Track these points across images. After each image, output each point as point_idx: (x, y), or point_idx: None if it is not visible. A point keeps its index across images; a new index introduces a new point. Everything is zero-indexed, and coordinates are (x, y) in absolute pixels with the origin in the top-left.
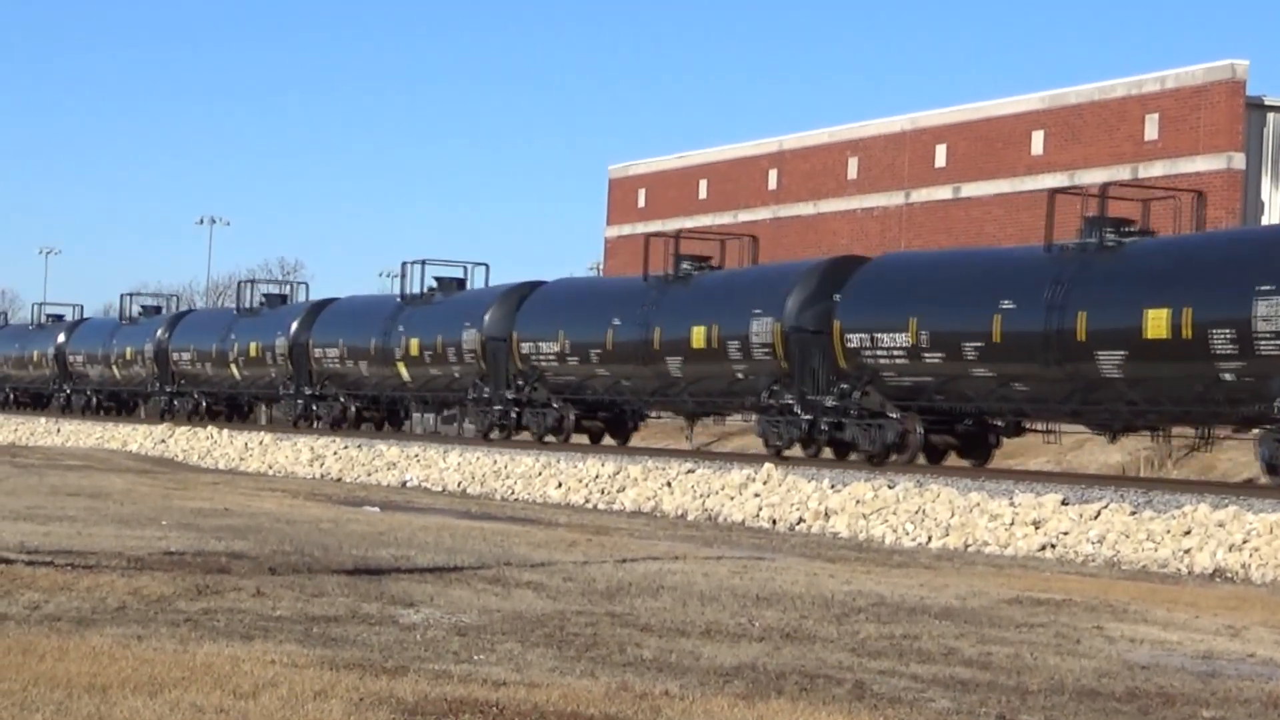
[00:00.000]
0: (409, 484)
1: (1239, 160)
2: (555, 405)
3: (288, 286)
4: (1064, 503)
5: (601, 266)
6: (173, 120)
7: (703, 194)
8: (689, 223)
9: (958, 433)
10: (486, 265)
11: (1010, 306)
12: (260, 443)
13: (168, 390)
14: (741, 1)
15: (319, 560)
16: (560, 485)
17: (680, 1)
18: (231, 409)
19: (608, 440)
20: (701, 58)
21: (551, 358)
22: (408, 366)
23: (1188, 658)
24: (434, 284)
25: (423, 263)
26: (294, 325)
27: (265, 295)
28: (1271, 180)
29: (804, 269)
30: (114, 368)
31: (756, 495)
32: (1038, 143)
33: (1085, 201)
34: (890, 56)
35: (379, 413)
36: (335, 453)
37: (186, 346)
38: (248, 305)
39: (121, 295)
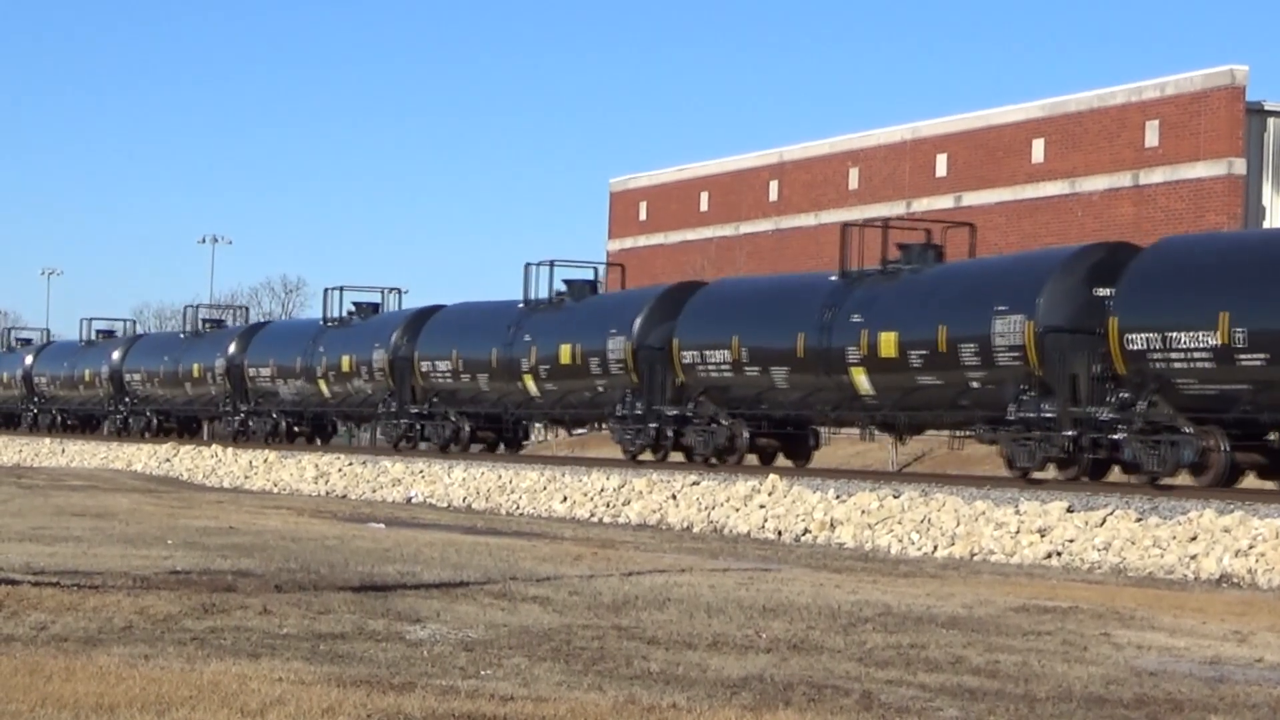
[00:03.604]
0: (414, 500)
1: (1239, 166)
2: (1186, 430)
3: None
4: (1069, 510)
5: (604, 281)
6: (174, 139)
7: (704, 206)
8: (691, 235)
9: None
10: (950, 246)
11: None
12: (265, 460)
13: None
14: (740, 13)
15: (325, 577)
16: (565, 499)
17: (679, 14)
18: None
19: None
20: (701, 70)
21: (1193, 358)
22: (867, 374)
23: (1195, 664)
24: (897, 262)
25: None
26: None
27: (355, 304)
28: (1272, 185)
29: None
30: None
31: (762, 507)
32: (1038, 151)
33: (1084, 206)
34: (890, 66)
35: (778, 439)
36: (340, 470)
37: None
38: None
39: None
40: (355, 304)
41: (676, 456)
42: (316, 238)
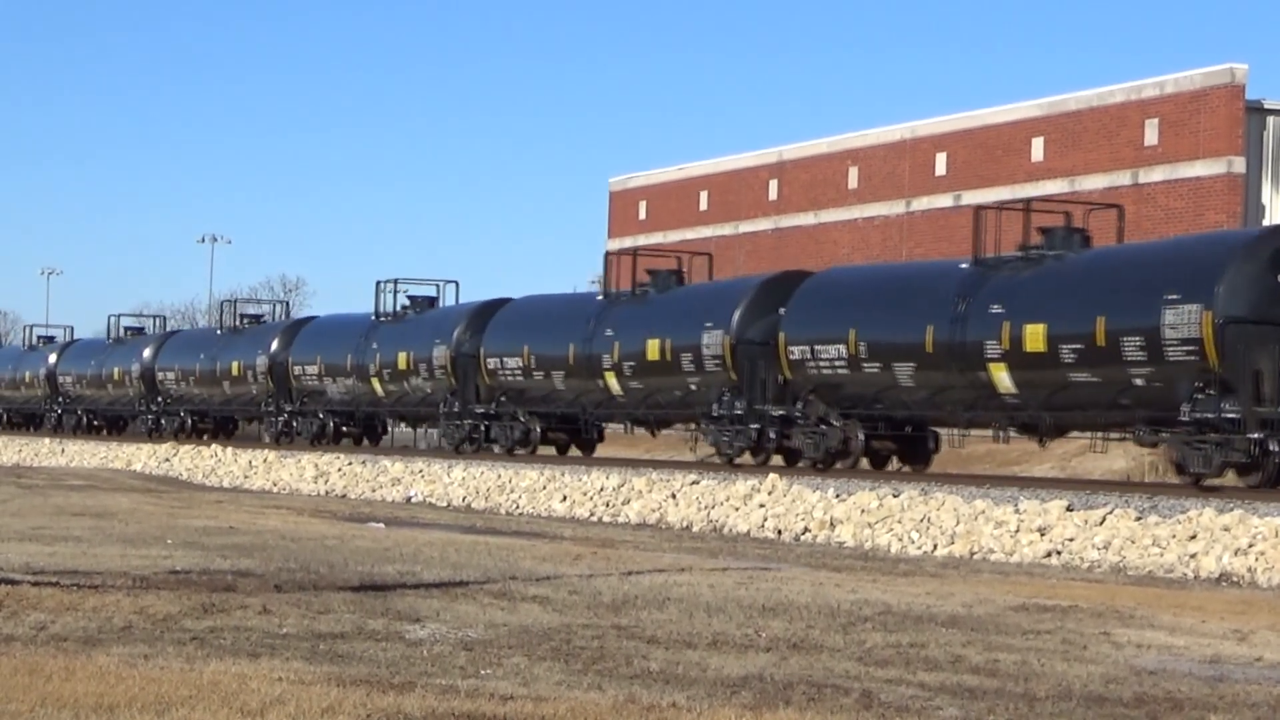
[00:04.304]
0: (413, 499)
1: (1239, 164)
2: None
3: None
4: (1069, 509)
5: (602, 279)
6: (173, 139)
7: (703, 205)
8: (690, 234)
9: None
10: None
11: None
12: (264, 460)
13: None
14: (740, 13)
15: (324, 577)
16: (565, 499)
17: (678, 13)
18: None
19: None
20: (701, 70)
21: None
22: (1009, 370)
23: (1195, 662)
24: None
25: None
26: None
27: (410, 297)
28: (1272, 183)
29: None
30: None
31: (761, 506)
32: (1038, 149)
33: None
34: (889, 65)
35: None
36: (339, 469)
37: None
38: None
39: None
40: (410, 297)
41: (775, 459)
42: (315, 237)
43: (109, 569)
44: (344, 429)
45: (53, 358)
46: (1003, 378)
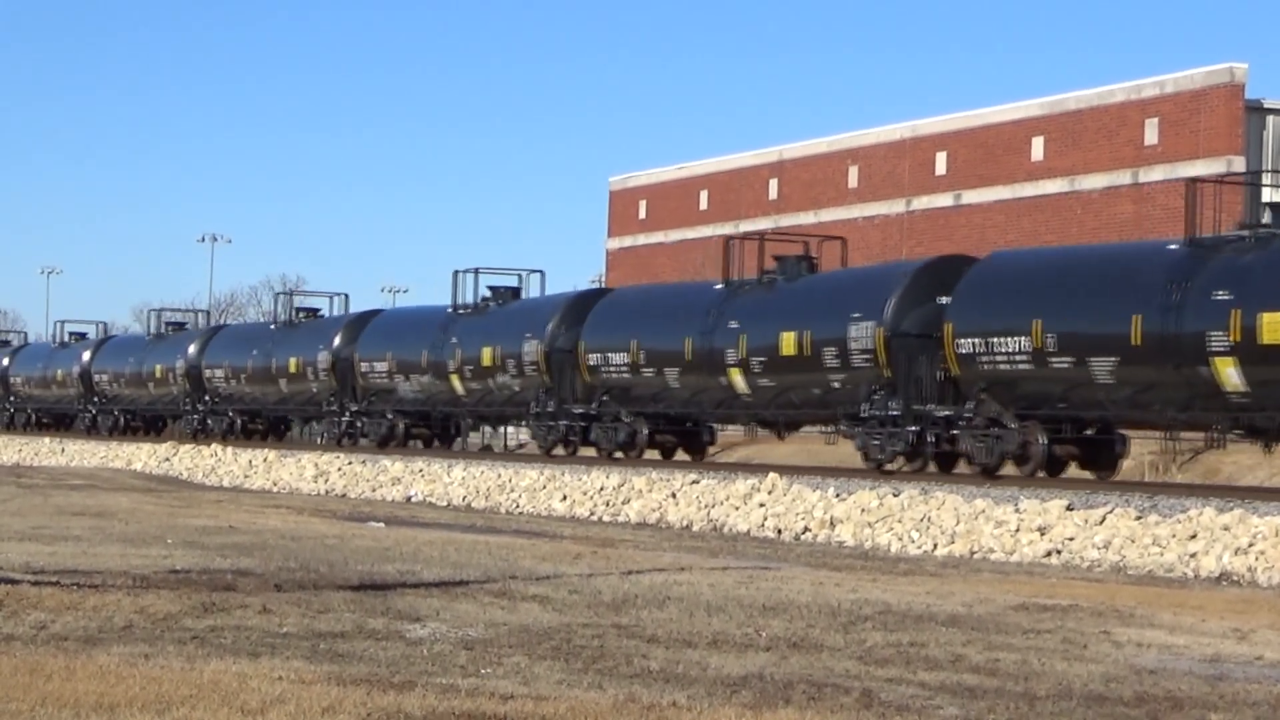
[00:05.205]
0: (413, 499)
1: (1239, 164)
2: None
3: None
4: (1069, 508)
5: (604, 278)
6: (173, 138)
7: (703, 204)
8: (690, 234)
9: None
10: None
11: None
12: (264, 460)
13: None
14: (739, 13)
15: (325, 576)
16: (565, 498)
17: (679, 13)
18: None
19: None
20: (701, 69)
21: None
22: (1238, 365)
23: (1195, 661)
24: None
25: None
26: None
27: (491, 288)
28: (1272, 183)
29: None
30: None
31: (761, 505)
32: (1038, 149)
33: (1084, 204)
34: (889, 64)
35: None
36: (339, 469)
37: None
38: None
39: None
40: (491, 288)
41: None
42: (315, 237)
43: (109, 568)
44: (414, 430)
45: (87, 355)
46: (1230, 374)
